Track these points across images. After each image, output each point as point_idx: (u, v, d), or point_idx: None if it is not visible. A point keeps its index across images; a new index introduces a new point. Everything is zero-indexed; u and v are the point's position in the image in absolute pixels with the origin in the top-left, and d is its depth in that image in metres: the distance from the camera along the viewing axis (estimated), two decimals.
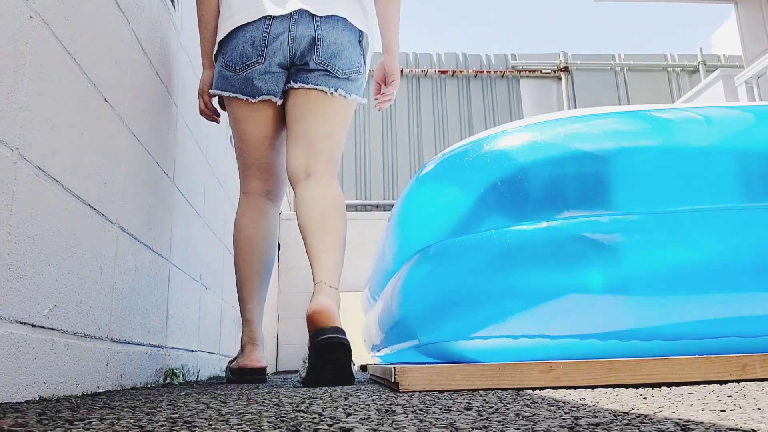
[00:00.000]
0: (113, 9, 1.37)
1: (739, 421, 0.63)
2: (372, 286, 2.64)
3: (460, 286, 1.58)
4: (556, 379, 1.19)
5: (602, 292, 1.43)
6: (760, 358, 1.20)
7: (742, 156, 1.55)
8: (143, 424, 0.69)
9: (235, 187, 3.05)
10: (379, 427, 0.64)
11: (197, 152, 2.19)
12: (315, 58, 1.56)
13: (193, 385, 1.69)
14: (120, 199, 1.39)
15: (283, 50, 1.56)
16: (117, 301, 1.37)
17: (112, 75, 1.35)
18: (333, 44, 1.56)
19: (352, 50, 1.61)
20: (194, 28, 2.18)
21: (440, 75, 6.62)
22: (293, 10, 1.54)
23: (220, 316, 2.64)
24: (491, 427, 0.63)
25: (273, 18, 1.55)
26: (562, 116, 1.67)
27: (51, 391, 1.05)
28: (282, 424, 0.67)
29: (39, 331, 1.01)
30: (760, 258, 1.44)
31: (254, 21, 1.56)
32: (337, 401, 0.95)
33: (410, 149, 6.39)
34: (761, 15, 4.98)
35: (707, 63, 6.77)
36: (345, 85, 1.62)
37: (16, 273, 0.94)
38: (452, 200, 1.72)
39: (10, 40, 0.93)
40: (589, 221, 1.50)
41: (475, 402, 0.91)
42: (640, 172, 1.54)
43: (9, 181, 0.92)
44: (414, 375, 1.18)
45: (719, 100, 4.74)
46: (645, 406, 0.81)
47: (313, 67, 1.58)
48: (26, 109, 0.98)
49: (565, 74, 6.70)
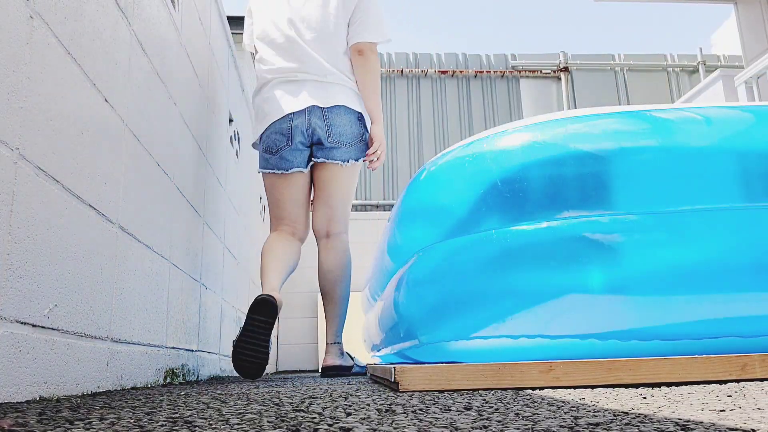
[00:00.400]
0: (113, 9, 1.37)
1: (738, 421, 0.63)
2: (372, 286, 2.64)
3: (460, 286, 1.58)
4: (556, 378, 1.19)
5: (602, 292, 1.43)
6: (759, 358, 1.20)
7: (742, 156, 1.55)
8: (143, 424, 0.69)
9: (236, 188, 3.05)
10: (379, 426, 0.64)
11: (197, 152, 2.19)
12: (328, 138, 2.13)
13: (193, 385, 1.69)
14: (120, 199, 1.39)
15: (303, 134, 2.13)
16: (117, 301, 1.37)
17: (112, 75, 1.35)
18: (339, 126, 2.13)
19: (354, 127, 2.16)
20: (194, 28, 2.18)
21: (440, 75, 6.62)
22: (306, 106, 2.11)
23: (220, 316, 2.64)
24: (491, 426, 0.63)
25: (294, 113, 2.12)
26: (562, 116, 1.67)
27: (51, 390, 1.05)
28: (282, 424, 0.67)
29: (39, 331, 1.01)
30: (760, 258, 1.44)
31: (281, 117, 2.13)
32: (337, 401, 0.95)
33: (410, 149, 6.39)
34: (761, 15, 4.97)
35: (707, 63, 6.76)
36: (353, 153, 2.18)
37: (16, 273, 0.94)
38: (452, 200, 1.72)
39: (10, 40, 0.93)
40: (589, 221, 1.50)
41: (475, 402, 0.91)
42: (640, 172, 1.54)
43: (9, 181, 0.92)
44: (414, 375, 1.18)
45: (719, 100, 4.74)
46: (645, 405, 0.81)
47: (327, 145, 2.14)
48: (26, 109, 0.98)
49: (565, 74, 6.70)
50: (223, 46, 2.81)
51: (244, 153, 3.40)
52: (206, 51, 2.39)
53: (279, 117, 2.12)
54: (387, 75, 6.57)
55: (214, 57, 2.54)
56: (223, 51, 2.78)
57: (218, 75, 2.63)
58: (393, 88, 6.55)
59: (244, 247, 3.40)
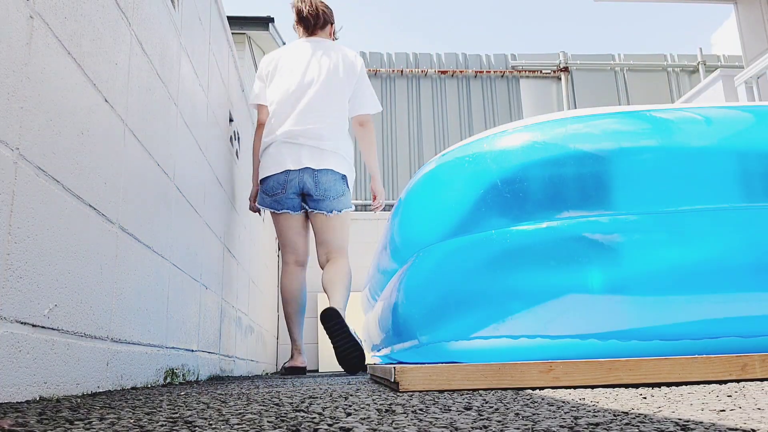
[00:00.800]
0: (113, 9, 1.37)
1: (738, 421, 0.63)
2: (372, 286, 2.64)
3: (460, 286, 1.58)
4: (556, 379, 1.19)
5: (602, 292, 1.43)
6: (759, 358, 1.20)
7: (742, 156, 1.55)
8: (143, 424, 0.69)
9: (236, 188, 3.05)
10: (379, 426, 0.64)
11: (197, 152, 2.19)
12: (315, 192, 2.61)
13: (193, 385, 1.69)
14: (120, 199, 1.39)
15: (295, 186, 2.62)
16: (117, 301, 1.37)
17: (112, 75, 1.35)
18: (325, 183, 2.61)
19: (338, 185, 2.64)
20: (194, 28, 2.18)
21: (440, 75, 6.62)
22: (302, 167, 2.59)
23: (220, 316, 2.64)
24: (491, 426, 0.63)
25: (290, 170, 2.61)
26: (562, 116, 1.67)
27: (51, 390, 1.05)
28: (282, 424, 0.67)
29: (39, 331, 1.01)
30: (759, 258, 1.44)
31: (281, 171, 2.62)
32: (337, 401, 0.95)
33: (410, 149, 6.39)
34: (761, 15, 4.98)
35: (707, 63, 6.76)
36: (336, 205, 2.65)
37: (16, 273, 0.94)
38: (452, 200, 1.72)
39: (10, 40, 0.93)
40: (589, 221, 1.50)
41: (474, 402, 0.91)
42: (640, 172, 1.54)
43: (9, 181, 0.92)
44: (414, 375, 1.18)
45: (719, 100, 4.74)
46: (645, 405, 0.81)
47: (315, 197, 2.62)
48: (26, 109, 0.98)
49: (564, 74, 6.70)
50: (223, 46, 2.81)
51: (243, 153, 3.40)
52: (206, 51, 2.39)
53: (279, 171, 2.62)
54: (387, 75, 6.58)
55: (214, 57, 2.54)
56: (223, 51, 2.78)
57: (218, 75, 2.63)
58: (393, 88, 6.56)
59: (245, 247, 3.40)
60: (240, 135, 3.28)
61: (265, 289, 4.44)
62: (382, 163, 6.44)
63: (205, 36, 2.38)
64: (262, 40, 6.23)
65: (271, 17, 5.87)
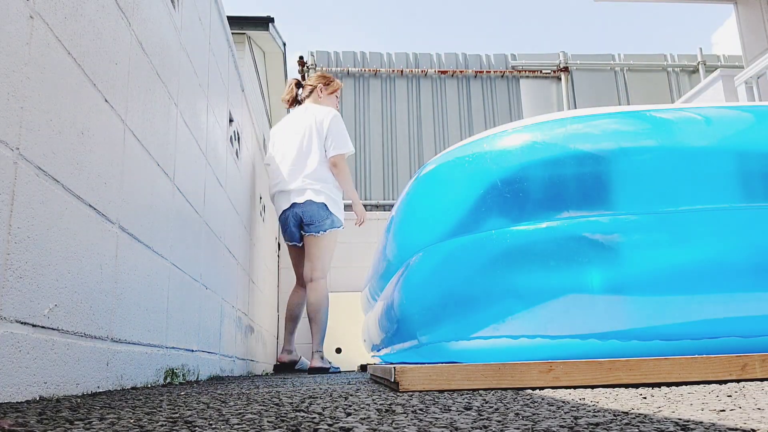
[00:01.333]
0: (113, 9, 1.37)
1: (738, 421, 0.63)
2: (372, 286, 2.64)
3: (460, 286, 1.58)
4: (556, 379, 1.19)
5: (602, 292, 1.43)
6: (759, 358, 1.20)
7: (742, 156, 1.55)
8: (143, 424, 0.69)
9: (235, 187, 3.05)
10: (379, 426, 0.64)
11: (197, 152, 2.19)
12: (304, 219, 3.40)
13: (193, 385, 1.69)
14: (120, 199, 1.39)
15: (293, 220, 3.44)
16: (117, 301, 1.37)
17: (112, 75, 1.35)
18: (310, 212, 3.38)
19: (320, 212, 3.38)
20: (194, 28, 2.18)
21: (440, 75, 6.62)
22: (290, 205, 3.40)
23: (220, 316, 2.64)
24: (491, 426, 0.63)
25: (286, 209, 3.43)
26: (562, 116, 1.67)
27: (51, 390, 1.05)
28: (282, 424, 0.67)
29: (39, 331, 1.01)
30: (759, 258, 1.44)
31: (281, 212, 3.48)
32: (337, 401, 0.95)
33: (410, 149, 6.39)
34: (761, 15, 4.98)
35: (707, 63, 6.76)
36: (323, 226, 3.40)
37: (16, 273, 0.94)
38: (452, 200, 1.72)
39: (10, 40, 0.93)
40: (589, 221, 1.50)
41: (475, 402, 0.91)
42: (640, 172, 1.54)
43: (9, 181, 0.92)
44: (414, 375, 1.18)
45: (719, 100, 4.74)
46: (645, 405, 0.81)
47: (306, 222, 3.41)
48: (26, 109, 0.98)
49: (564, 74, 6.70)
50: (223, 46, 2.81)
51: (243, 153, 3.40)
52: (206, 51, 2.39)
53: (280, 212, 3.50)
54: (387, 75, 6.58)
55: (214, 57, 2.54)
56: (223, 51, 2.78)
57: (218, 75, 2.63)
58: (393, 88, 6.55)
59: (244, 247, 3.40)
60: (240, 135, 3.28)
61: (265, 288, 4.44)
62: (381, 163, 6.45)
63: (205, 36, 2.38)
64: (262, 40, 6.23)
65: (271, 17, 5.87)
